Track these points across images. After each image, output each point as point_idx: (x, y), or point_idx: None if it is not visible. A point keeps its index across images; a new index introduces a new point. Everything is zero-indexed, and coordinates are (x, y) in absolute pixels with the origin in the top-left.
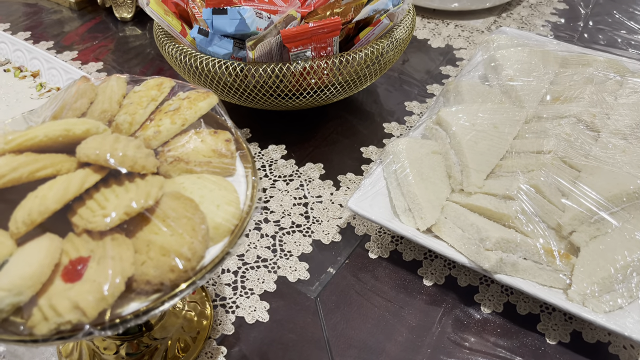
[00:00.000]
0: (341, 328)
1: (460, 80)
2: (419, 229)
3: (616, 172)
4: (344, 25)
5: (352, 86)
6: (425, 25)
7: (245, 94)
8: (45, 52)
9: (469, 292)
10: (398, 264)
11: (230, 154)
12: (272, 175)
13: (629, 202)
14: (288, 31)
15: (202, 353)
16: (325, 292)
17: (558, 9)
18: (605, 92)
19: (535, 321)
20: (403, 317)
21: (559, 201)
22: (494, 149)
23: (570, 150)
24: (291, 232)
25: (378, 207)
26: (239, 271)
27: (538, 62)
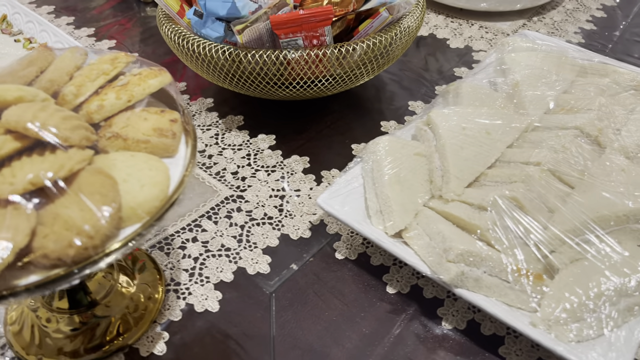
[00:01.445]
0: (290, 327)
1: (462, 82)
2: (387, 232)
3: (609, 192)
4: (344, 15)
5: (347, 80)
6: (447, 25)
7: (235, 79)
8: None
9: (433, 305)
10: (364, 267)
11: (172, 134)
12: (255, 165)
13: (617, 226)
14: (278, 17)
15: (143, 336)
16: (282, 288)
17: (595, 17)
18: (618, 106)
19: (499, 344)
20: (357, 324)
21: (543, 217)
22: (481, 156)
23: (565, 165)
24: (261, 224)
25: (351, 207)
26: (199, 258)
27: (551, 68)
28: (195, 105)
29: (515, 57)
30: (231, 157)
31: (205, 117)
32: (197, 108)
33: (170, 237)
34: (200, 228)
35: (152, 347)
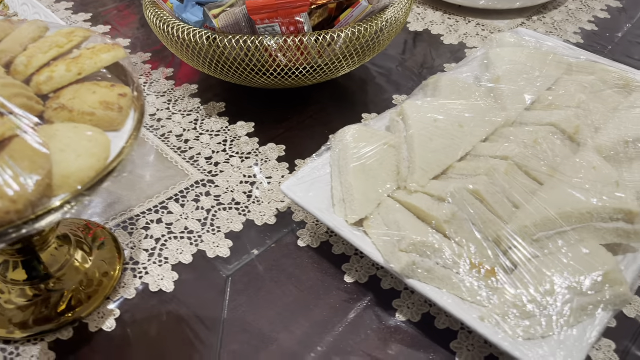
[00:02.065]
0: (242, 311)
1: (442, 75)
2: (347, 221)
3: (575, 189)
4: (324, 4)
5: (326, 71)
6: (444, 21)
7: (213, 65)
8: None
9: (389, 297)
10: (325, 256)
11: (118, 108)
12: (231, 151)
13: (580, 224)
14: (254, 2)
15: (95, 312)
16: (239, 272)
17: (598, 18)
18: (601, 104)
19: (452, 338)
20: (310, 311)
21: (506, 212)
22: (450, 148)
23: (534, 161)
24: (228, 209)
25: (316, 194)
26: (161, 239)
27: (535, 65)
28: (179, 91)
29: (499, 52)
30: (207, 143)
31: (187, 102)
32: (180, 94)
33: (136, 217)
34: (167, 210)
35: (102, 323)
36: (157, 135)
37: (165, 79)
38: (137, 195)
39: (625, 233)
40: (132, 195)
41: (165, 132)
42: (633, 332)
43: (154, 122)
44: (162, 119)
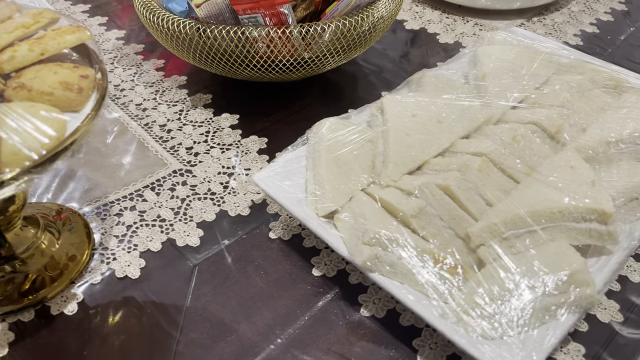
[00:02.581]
0: (205, 300)
1: (427, 71)
2: (317, 213)
3: (548, 188)
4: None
5: (312, 65)
6: (442, 20)
7: (197, 55)
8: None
9: (356, 291)
10: (296, 249)
11: (78, 89)
12: (212, 142)
13: (551, 223)
14: None
15: (58, 295)
16: (207, 262)
17: (600, 20)
18: (588, 104)
19: (415, 336)
20: (274, 303)
21: (477, 209)
22: (427, 144)
23: (510, 159)
24: (203, 199)
25: (289, 186)
26: (132, 226)
27: (523, 63)
28: (167, 82)
29: (487, 50)
30: (190, 133)
31: (174, 93)
32: (169, 85)
33: (110, 203)
34: (142, 198)
35: (64, 306)
36: (141, 125)
37: (156, 70)
38: (114, 182)
39: (598, 234)
40: (109, 182)
41: (150, 121)
42: (605, 337)
43: (139, 112)
44: (148, 109)
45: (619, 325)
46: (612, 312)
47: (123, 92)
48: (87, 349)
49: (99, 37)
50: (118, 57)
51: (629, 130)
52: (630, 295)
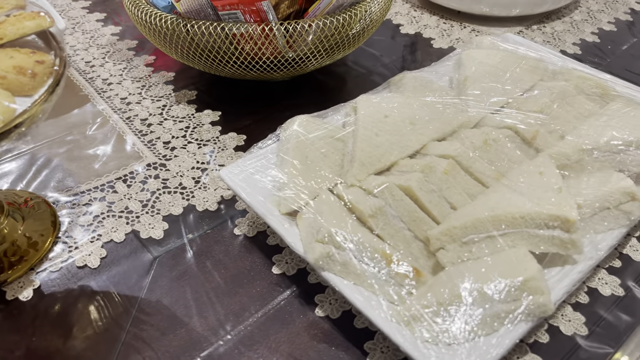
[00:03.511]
0: (160, 293)
1: (407, 73)
2: (280, 210)
3: (511, 193)
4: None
5: (293, 64)
6: (438, 25)
7: (179, 50)
8: None
9: (314, 291)
10: (259, 246)
11: (31, 74)
12: (191, 137)
13: (513, 228)
14: None
15: (16, 280)
16: (168, 255)
17: (602, 30)
18: (569, 110)
19: (368, 339)
20: (229, 299)
21: (440, 212)
22: (396, 145)
23: (480, 162)
24: (173, 193)
25: (256, 183)
26: (99, 216)
27: (508, 68)
28: (155, 78)
29: (471, 53)
30: (169, 128)
31: (160, 89)
32: (156, 80)
33: (81, 193)
34: (112, 189)
35: (19, 292)
36: (122, 118)
37: (145, 66)
38: (87, 173)
39: (561, 242)
40: (82, 172)
41: (132, 115)
42: (566, 350)
43: (123, 105)
44: (132, 103)
45: (582, 339)
46: (576, 325)
47: (110, 86)
48: (36, 335)
49: (94, 33)
50: (110, 52)
51: (606, 138)
52: (598, 308)
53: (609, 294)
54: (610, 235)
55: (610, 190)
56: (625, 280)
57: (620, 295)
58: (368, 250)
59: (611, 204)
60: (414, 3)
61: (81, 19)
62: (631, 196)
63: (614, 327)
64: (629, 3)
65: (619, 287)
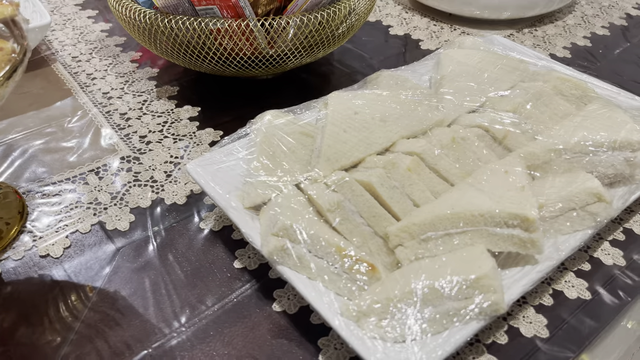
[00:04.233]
0: (119, 284)
1: (383, 71)
2: (243, 204)
3: (477, 191)
4: None
5: (272, 61)
6: (428, 27)
7: (157, 45)
8: None
9: (274, 286)
10: (223, 240)
11: None
12: (167, 132)
13: (472, 227)
14: None
15: None
16: (131, 247)
17: (595, 34)
18: (545, 111)
19: (323, 335)
20: (187, 292)
21: (402, 208)
22: (364, 142)
23: (446, 160)
24: (143, 186)
25: (223, 177)
26: (67, 207)
27: (486, 68)
28: (139, 73)
29: (450, 53)
30: (147, 123)
31: (143, 84)
32: (140, 76)
33: (52, 184)
34: (84, 181)
35: None
36: (102, 112)
37: (131, 62)
38: (61, 165)
39: (520, 241)
40: (56, 164)
41: (112, 109)
42: (524, 353)
43: (104, 100)
44: (113, 97)
45: (542, 342)
46: (537, 327)
47: (93, 81)
48: None
49: (84, 29)
50: (98, 48)
51: (577, 138)
52: (562, 311)
53: (574, 297)
54: (574, 237)
55: (576, 191)
56: (593, 284)
57: (587, 299)
58: (322, 244)
59: (577, 204)
60: (405, 5)
61: (73, 15)
62: (597, 197)
63: (577, 331)
64: (625, 8)
65: (585, 290)
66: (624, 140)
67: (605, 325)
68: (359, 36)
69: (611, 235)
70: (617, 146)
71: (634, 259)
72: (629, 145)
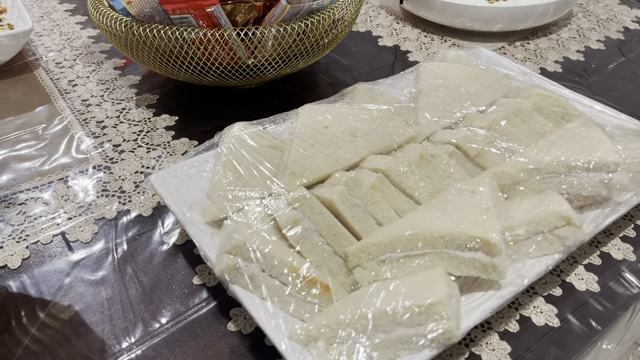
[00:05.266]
0: (74, 298)
1: (360, 84)
2: (204, 219)
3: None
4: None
5: (250, 73)
6: (419, 38)
7: (134, 52)
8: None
9: (231, 304)
10: (186, 254)
11: None
12: (142, 141)
13: (431, 249)
14: None
15: None
16: (91, 259)
17: (589, 48)
18: (523, 129)
19: (276, 357)
20: (142, 308)
21: (364, 227)
22: (332, 157)
23: (413, 178)
24: (110, 196)
25: (188, 190)
26: (31, 217)
27: (467, 83)
28: (121, 81)
29: (429, 66)
30: (122, 131)
31: (123, 92)
32: (121, 83)
33: (19, 192)
34: (52, 190)
35: None
36: (79, 120)
37: (114, 69)
38: (31, 173)
39: (482, 265)
40: (26, 172)
41: (89, 117)
42: None
43: (82, 107)
44: (92, 105)
45: None
46: (500, 355)
47: (74, 88)
48: None
49: (71, 35)
50: (83, 54)
51: (550, 158)
52: (527, 339)
53: (542, 324)
54: (541, 262)
55: (544, 213)
56: (563, 311)
57: (555, 327)
58: (275, 263)
59: (545, 227)
60: (397, 15)
61: (62, 20)
62: (566, 220)
63: None
64: (623, 21)
65: (554, 317)
66: (599, 161)
67: (571, 355)
68: (347, 46)
69: (587, 259)
70: (592, 167)
71: (609, 285)
72: (605, 167)
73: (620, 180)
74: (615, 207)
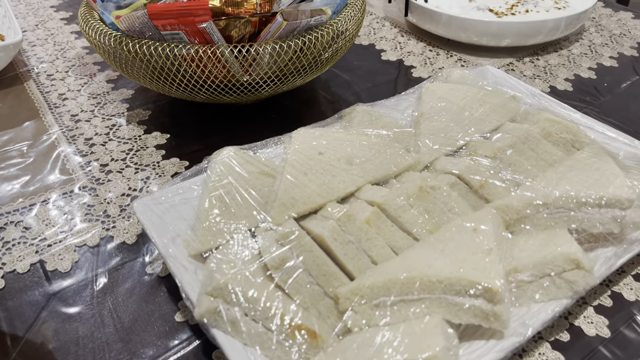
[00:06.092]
0: (47, 334)
1: (358, 106)
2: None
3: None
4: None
5: (244, 90)
6: (423, 53)
7: (122, 67)
8: None
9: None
10: (168, 287)
11: None
12: (130, 161)
13: (428, 293)
14: (154, 6)
15: None
16: (68, 291)
17: (601, 65)
18: (530, 157)
19: None
20: (119, 347)
21: (356, 266)
22: (326, 186)
23: (410, 213)
24: (94, 221)
25: (173, 218)
26: (9, 242)
27: (471, 105)
28: (113, 95)
29: (432, 87)
30: (112, 150)
31: (115, 107)
32: (113, 98)
33: (0, 215)
34: (33, 213)
35: None
36: (67, 136)
37: (106, 82)
38: (12, 194)
39: (482, 313)
40: (8, 193)
41: (77, 133)
42: None
43: (71, 123)
44: (81, 121)
45: None
46: None
47: (64, 102)
48: None
49: (65, 45)
50: (75, 66)
51: (559, 192)
52: None
53: None
54: (547, 309)
55: (552, 255)
56: (570, 358)
57: None
58: (260, 307)
59: (552, 270)
60: (402, 28)
61: (57, 30)
62: (576, 264)
63: None
64: (637, 37)
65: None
66: (612, 197)
67: None
68: (349, 60)
69: (597, 300)
70: (605, 204)
71: (621, 330)
72: (618, 203)
73: (635, 218)
74: (629, 247)
